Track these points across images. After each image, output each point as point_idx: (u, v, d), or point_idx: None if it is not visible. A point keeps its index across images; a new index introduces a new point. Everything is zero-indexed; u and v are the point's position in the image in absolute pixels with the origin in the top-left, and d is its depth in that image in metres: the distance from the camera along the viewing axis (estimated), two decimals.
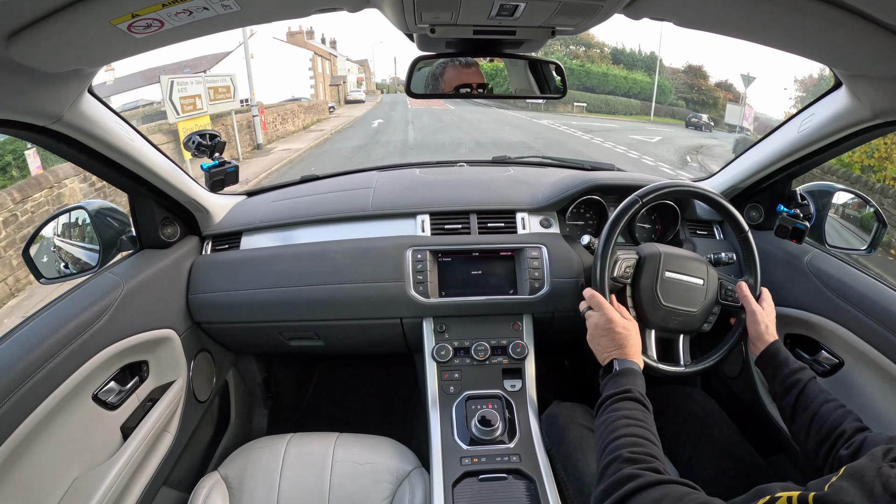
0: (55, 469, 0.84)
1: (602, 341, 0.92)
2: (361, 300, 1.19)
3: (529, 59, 0.92)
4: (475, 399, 1.12)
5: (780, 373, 0.89)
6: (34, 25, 0.56)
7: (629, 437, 0.71)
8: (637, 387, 0.82)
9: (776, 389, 0.89)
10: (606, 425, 0.76)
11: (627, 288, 1.04)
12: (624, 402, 0.79)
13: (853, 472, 0.49)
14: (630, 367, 0.86)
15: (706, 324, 1.05)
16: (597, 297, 0.96)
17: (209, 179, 1.21)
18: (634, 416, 0.76)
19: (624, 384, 0.82)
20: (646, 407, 0.79)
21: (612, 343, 0.90)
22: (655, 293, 1.00)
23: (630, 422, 0.75)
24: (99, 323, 0.91)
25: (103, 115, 0.87)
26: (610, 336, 0.91)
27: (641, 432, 0.73)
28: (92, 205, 1.10)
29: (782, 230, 1.14)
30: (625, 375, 0.84)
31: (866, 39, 0.61)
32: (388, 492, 0.98)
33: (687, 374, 1.02)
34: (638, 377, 0.85)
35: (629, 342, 0.90)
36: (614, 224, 1.01)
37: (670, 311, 1.00)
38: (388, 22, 0.74)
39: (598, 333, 0.93)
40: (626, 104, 36.67)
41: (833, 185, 1.17)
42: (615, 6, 0.64)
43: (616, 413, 0.77)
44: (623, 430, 0.73)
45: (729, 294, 1.05)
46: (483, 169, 1.63)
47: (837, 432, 0.76)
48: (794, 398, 0.85)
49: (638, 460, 0.67)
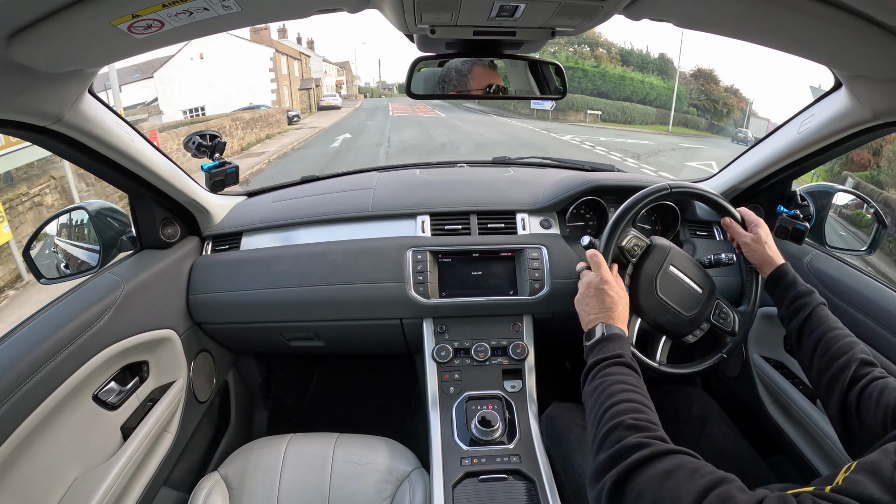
0: (55, 469, 0.84)
1: (592, 301, 0.88)
2: (361, 301, 1.19)
3: (529, 60, 0.92)
4: (475, 400, 1.12)
5: (788, 295, 0.87)
6: (34, 26, 0.56)
7: (629, 403, 0.67)
8: (626, 353, 0.78)
9: (783, 313, 0.88)
10: (601, 390, 0.71)
11: (630, 267, 1.03)
12: (617, 367, 0.74)
13: (868, 467, 0.49)
14: (617, 333, 0.82)
15: (692, 335, 1.03)
16: (598, 256, 0.94)
17: (209, 180, 1.21)
18: (629, 382, 0.71)
19: (613, 349, 0.78)
20: (638, 374, 0.75)
21: (601, 305, 0.87)
22: (655, 280, 1.00)
23: (626, 387, 0.70)
24: (99, 323, 0.91)
25: (103, 115, 0.87)
26: (600, 297, 0.88)
27: (640, 398, 0.68)
28: (92, 205, 1.10)
29: (782, 231, 1.14)
30: (612, 341, 0.80)
31: (866, 40, 0.61)
32: (388, 492, 0.98)
33: (657, 373, 1.00)
34: (626, 344, 0.81)
35: (618, 308, 0.86)
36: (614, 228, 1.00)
37: (663, 305, 0.99)
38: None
39: (589, 293, 0.90)
40: (643, 112, 32.93)
41: (833, 185, 1.17)
42: (615, 7, 0.64)
43: (610, 378, 0.72)
44: (621, 395, 0.68)
45: (722, 318, 1.04)
46: (483, 170, 1.63)
47: (842, 361, 0.74)
48: (801, 322, 0.83)
49: (642, 427, 0.62)
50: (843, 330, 0.79)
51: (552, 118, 29.57)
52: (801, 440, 1.11)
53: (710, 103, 36.30)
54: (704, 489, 0.50)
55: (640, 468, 0.56)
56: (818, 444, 1.05)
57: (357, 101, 46.56)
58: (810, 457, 1.08)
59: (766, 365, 1.20)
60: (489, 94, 0.95)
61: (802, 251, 1.16)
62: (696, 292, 1.02)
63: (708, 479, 0.51)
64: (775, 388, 1.15)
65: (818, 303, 0.85)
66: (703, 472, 0.53)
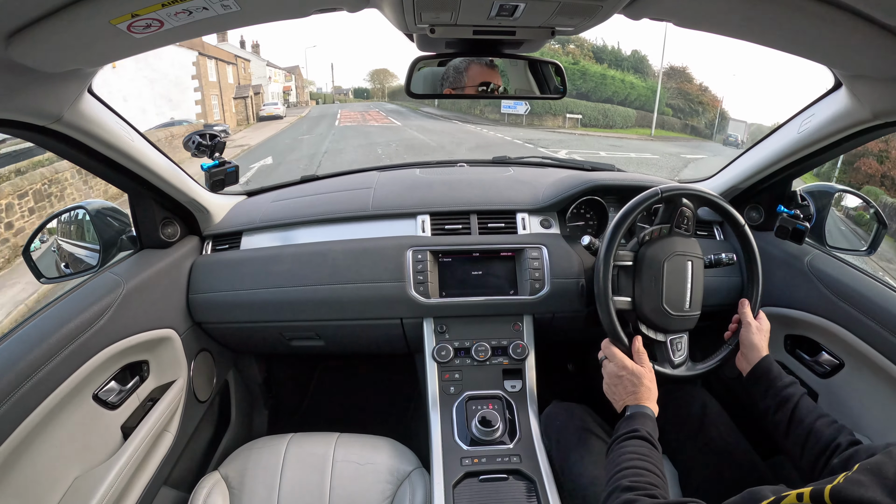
0: (55, 469, 0.84)
1: (618, 390, 0.92)
2: (362, 300, 1.19)
3: (529, 60, 0.92)
4: (475, 399, 1.12)
5: (774, 387, 0.89)
6: (34, 25, 0.56)
7: (631, 469, 0.72)
8: (645, 427, 0.82)
9: (769, 404, 0.89)
10: (613, 462, 0.77)
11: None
12: (630, 441, 0.79)
13: (871, 468, 0.48)
14: (641, 411, 0.86)
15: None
16: (611, 347, 0.97)
17: (209, 179, 1.21)
18: (639, 452, 0.76)
19: (632, 425, 0.83)
20: (653, 445, 0.79)
21: (625, 390, 0.91)
22: (662, 267, 1.00)
23: (634, 456, 0.75)
24: (99, 323, 0.91)
25: (103, 115, 0.87)
26: (623, 384, 0.91)
27: (643, 464, 0.73)
28: (92, 205, 1.10)
29: (782, 231, 1.14)
30: (635, 418, 0.85)
31: (866, 40, 0.61)
32: (388, 492, 0.98)
33: (683, 377, 1.01)
34: (648, 419, 0.85)
35: (641, 388, 0.90)
36: (615, 232, 1.00)
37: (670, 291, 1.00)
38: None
39: (613, 382, 0.93)
40: (624, 115, 29.56)
41: (833, 185, 1.17)
42: (615, 6, 0.64)
43: (622, 450, 0.78)
44: (626, 462, 0.74)
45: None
46: (483, 169, 1.63)
47: (833, 446, 0.76)
48: (789, 413, 0.85)
49: (636, 487, 0.68)
50: (828, 416, 0.82)
51: (527, 124, 26.06)
52: None
53: (685, 103, 33.82)
54: None
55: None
56: None
57: (305, 108, 41.70)
58: None
59: None
60: (489, 94, 0.95)
61: (802, 251, 1.16)
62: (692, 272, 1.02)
63: None
64: None
65: (803, 392, 0.87)
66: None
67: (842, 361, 1.03)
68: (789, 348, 1.17)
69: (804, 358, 1.12)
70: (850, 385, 1.01)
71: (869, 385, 0.97)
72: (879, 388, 0.94)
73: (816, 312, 1.07)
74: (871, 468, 0.48)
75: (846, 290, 1.01)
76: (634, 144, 21.05)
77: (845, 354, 1.02)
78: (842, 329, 1.00)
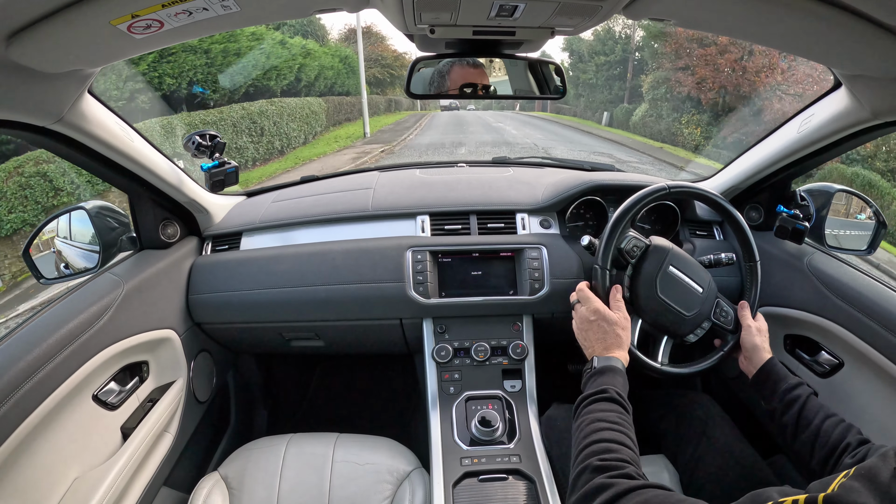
0: (55, 469, 0.84)
1: (588, 335, 0.90)
2: (361, 300, 1.19)
3: (529, 60, 0.92)
4: (475, 399, 1.12)
5: (780, 388, 0.88)
6: (34, 26, 0.56)
7: (601, 444, 0.68)
8: (615, 385, 0.78)
9: (776, 406, 0.88)
10: (580, 430, 0.73)
11: (629, 268, 1.03)
12: (599, 404, 0.75)
13: (865, 473, 0.47)
14: (610, 365, 0.83)
15: (693, 335, 1.03)
16: (584, 290, 0.95)
17: (209, 180, 1.21)
18: (608, 419, 0.72)
19: (601, 383, 0.79)
20: (623, 408, 0.76)
21: (595, 337, 0.88)
22: (655, 281, 1.00)
23: (603, 425, 0.71)
24: (99, 323, 0.91)
25: (103, 115, 0.87)
26: (594, 330, 0.89)
27: (614, 436, 0.69)
28: (92, 205, 1.10)
29: (782, 231, 1.14)
30: (603, 374, 0.81)
31: (866, 39, 0.61)
32: (388, 492, 0.98)
33: (659, 373, 1.01)
34: (618, 375, 0.81)
35: (612, 337, 0.87)
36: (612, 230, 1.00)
37: (664, 305, 1.00)
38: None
39: (584, 327, 0.91)
40: (308, 114, 12.84)
41: (833, 185, 1.17)
42: (615, 6, 0.64)
43: (589, 416, 0.74)
44: (595, 435, 0.70)
45: (722, 316, 1.03)
46: (483, 169, 1.63)
47: (842, 446, 0.74)
48: (796, 414, 0.83)
49: (608, 468, 0.64)
50: (836, 416, 0.80)
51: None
52: None
53: (384, 72, 23.56)
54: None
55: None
56: None
57: None
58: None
59: None
60: (489, 95, 0.95)
61: (802, 251, 1.16)
62: (697, 291, 1.02)
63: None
64: None
65: (809, 393, 0.86)
66: (671, 502, 0.54)
67: (841, 361, 1.03)
68: (789, 348, 1.17)
69: (804, 358, 1.12)
70: (849, 385, 1.01)
71: (868, 385, 0.97)
72: (879, 388, 0.94)
73: (816, 312, 1.07)
74: (865, 473, 0.47)
75: (846, 290, 1.02)
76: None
77: (845, 354, 1.02)
78: (841, 329, 1.00)
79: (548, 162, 1.76)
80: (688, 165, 11.46)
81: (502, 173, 1.49)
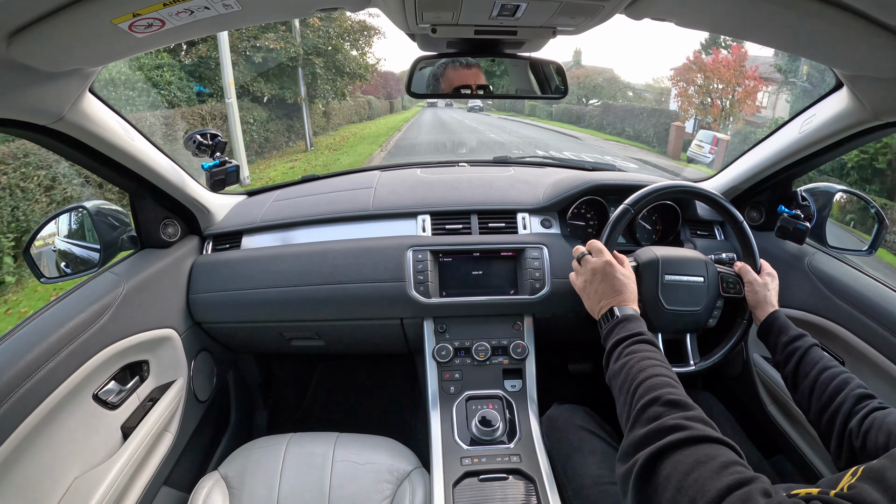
0: (55, 469, 0.84)
1: (600, 287, 0.88)
2: (362, 300, 1.19)
3: (530, 60, 0.92)
4: (476, 399, 1.12)
5: (780, 341, 0.87)
6: (35, 25, 0.56)
7: (663, 377, 0.64)
8: (646, 331, 0.77)
9: (777, 358, 0.87)
10: (629, 367, 0.69)
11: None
12: (641, 344, 0.73)
13: (874, 475, 0.46)
14: (632, 314, 0.82)
15: (711, 319, 1.04)
16: (597, 243, 0.94)
17: (210, 179, 1.20)
18: (656, 358, 0.69)
19: (633, 328, 0.77)
20: (660, 350, 0.74)
21: (611, 289, 0.87)
22: (658, 299, 1.00)
23: (655, 362, 0.68)
24: (99, 322, 0.91)
25: (104, 114, 0.87)
26: (609, 281, 0.88)
27: (670, 374, 0.66)
28: (92, 204, 1.10)
29: (783, 231, 1.14)
30: (630, 320, 0.80)
31: (866, 40, 0.61)
32: (388, 492, 0.98)
33: (698, 373, 1.02)
34: (643, 323, 0.80)
35: (628, 289, 0.86)
36: (614, 226, 1.01)
37: (675, 314, 1.00)
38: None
39: (597, 279, 0.89)
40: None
41: (833, 185, 1.17)
42: (616, 6, 0.64)
43: (637, 354, 0.70)
44: (651, 370, 0.66)
45: (730, 286, 1.04)
46: (484, 169, 1.63)
47: (838, 400, 0.73)
48: (795, 366, 0.83)
49: (681, 405, 0.59)
50: (837, 367, 0.79)
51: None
52: (802, 440, 1.11)
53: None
54: (729, 487, 0.48)
55: (674, 451, 0.53)
56: (818, 444, 1.05)
57: None
58: (810, 457, 1.08)
59: (766, 365, 1.20)
60: (489, 94, 0.95)
61: (803, 251, 1.16)
62: (699, 283, 1.02)
63: (735, 478, 0.48)
64: (775, 387, 1.15)
65: (810, 344, 0.85)
66: (734, 468, 0.50)
67: (841, 361, 1.03)
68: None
69: None
70: None
71: (868, 384, 0.96)
72: (879, 388, 0.94)
73: (816, 312, 1.07)
74: (874, 475, 0.46)
75: (846, 290, 1.02)
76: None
77: (845, 354, 1.02)
78: (842, 329, 1.00)
79: (549, 161, 1.76)
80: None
81: (503, 173, 1.49)
